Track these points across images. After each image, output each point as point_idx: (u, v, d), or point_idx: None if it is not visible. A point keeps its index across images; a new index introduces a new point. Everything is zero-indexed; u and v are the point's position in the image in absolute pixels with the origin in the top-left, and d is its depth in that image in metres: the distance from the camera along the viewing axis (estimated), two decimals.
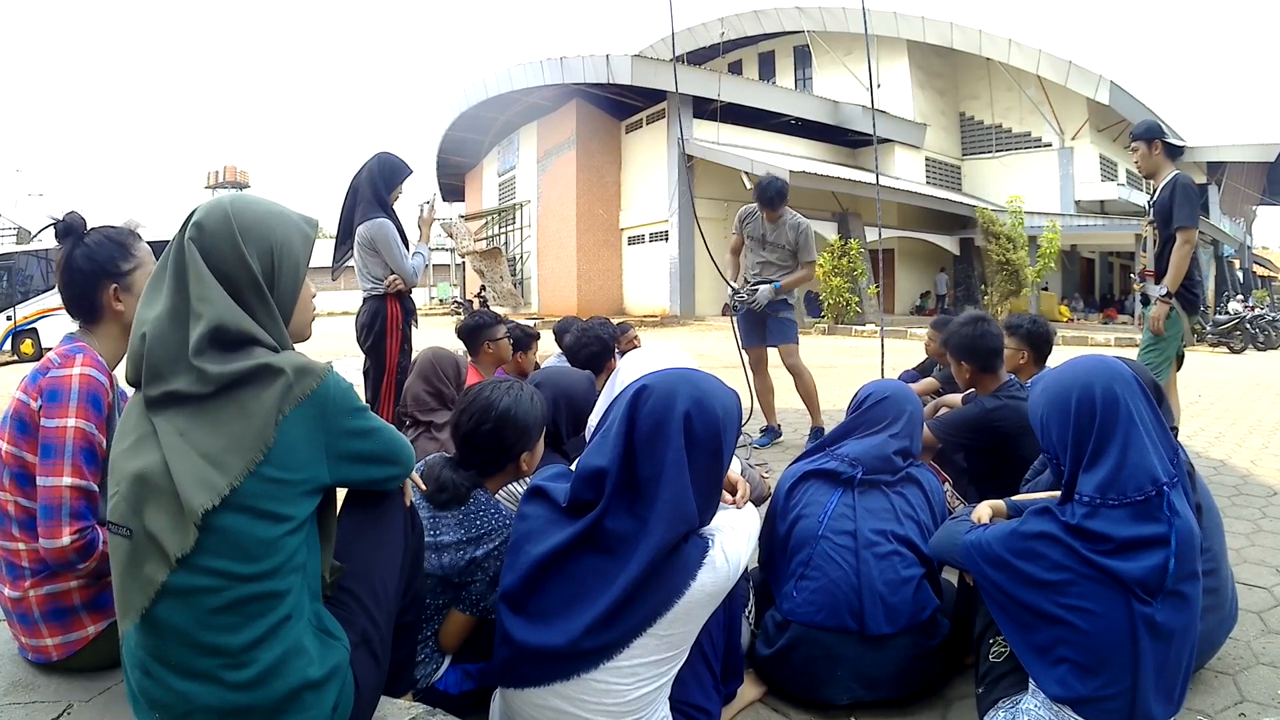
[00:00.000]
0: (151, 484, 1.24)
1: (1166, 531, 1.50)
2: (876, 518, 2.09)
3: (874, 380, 2.51)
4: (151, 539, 1.23)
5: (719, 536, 1.58)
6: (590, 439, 1.66)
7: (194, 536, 1.21)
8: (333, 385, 1.34)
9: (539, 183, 26.57)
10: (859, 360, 12.51)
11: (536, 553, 1.53)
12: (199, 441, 1.24)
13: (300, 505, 1.31)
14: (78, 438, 1.69)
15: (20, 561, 1.75)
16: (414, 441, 3.18)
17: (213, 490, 1.21)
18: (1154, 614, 1.48)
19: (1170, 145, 3.97)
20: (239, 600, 1.24)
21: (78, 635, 1.78)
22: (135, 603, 1.24)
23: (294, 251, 1.39)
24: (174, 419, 1.26)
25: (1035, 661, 1.60)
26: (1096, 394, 1.59)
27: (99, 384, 1.76)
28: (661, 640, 1.50)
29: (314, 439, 1.31)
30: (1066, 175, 24.21)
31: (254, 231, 1.34)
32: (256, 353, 1.30)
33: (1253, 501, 4.09)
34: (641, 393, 1.53)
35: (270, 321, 1.35)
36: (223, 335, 1.28)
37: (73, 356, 1.77)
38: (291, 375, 1.29)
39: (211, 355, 1.27)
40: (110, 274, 1.88)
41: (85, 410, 1.71)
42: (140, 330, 1.31)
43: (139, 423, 1.29)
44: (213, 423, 1.25)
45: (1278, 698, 2.14)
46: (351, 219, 3.83)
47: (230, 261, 1.32)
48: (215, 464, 1.23)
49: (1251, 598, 2.83)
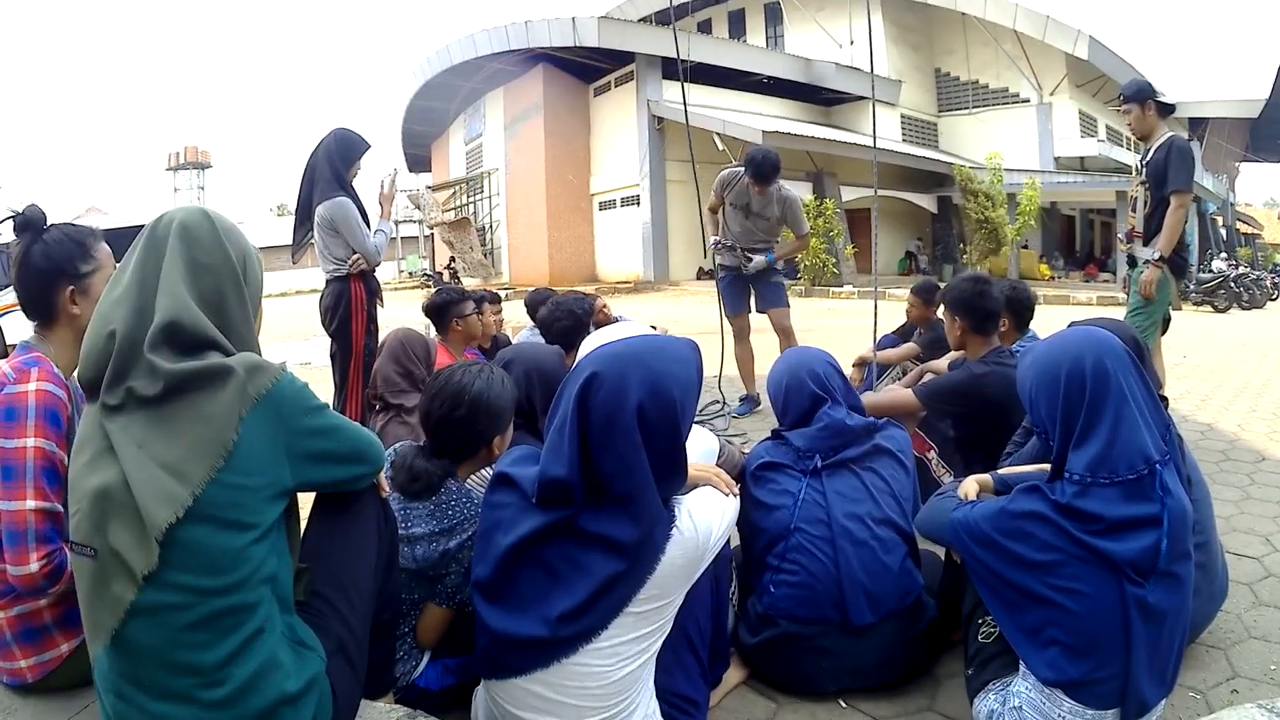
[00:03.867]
0: (113, 500, 1.21)
1: (1159, 511, 1.45)
2: (849, 500, 2.02)
3: (771, 368, 2.37)
4: (116, 557, 1.19)
5: (685, 504, 1.53)
6: (546, 425, 1.56)
7: (157, 553, 1.18)
8: (287, 384, 1.32)
9: (507, 150, 26.18)
10: (838, 322, 12.46)
11: (507, 542, 1.48)
12: (158, 452, 1.21)
13: (264, 512, 1.27)
14: (38, 458, 1.64)
15: None
16: (384, 426, 3.11)
17: (175, 502, 1.18)
18: (1146, 595, 1.44)
19: (1162, 104, 3.90)
20: (209, 616, 1.21)
21: (51, 654, 1.74)
22: (104, 624, 1.22)
23: (256, 264, 1.45)
24: (130, 429, 1.23)
25: (1025, 643, 1.56)
26: (1087, 368, 1.52)
27: (56, 399, 1.69)
28: (639, 617, 1.46)
29: (274, 440, 1.28)
30: (1045, 131, 24.03)
31: (233, 233, 1.41)
32: (211, 356, 1.27)
33: (1241, 467, 4.07)
34: (592, 382, 1.44)
35: (245, 319, 1.38)
36: (179, 332, 1.26)
37: (28, 370, 1.69)
38: (244, 374, 1.26)
39: (165, 352, 1.25)
40: (68, 274, 1.80)
41: (44, 428, 1.65)
42: (108, 327, 1.27)
43: (95, 435, 1.25)
44: (170, 431, 1.22)
45: (1270, 673, 2.13)
46: (310, 199, 3.71)
47: (216, 254, 1.35)
48: (176, 474, 1.19)
49: (1242, 568, 2.81)
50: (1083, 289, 19.09)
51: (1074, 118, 24.39)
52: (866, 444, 2.10)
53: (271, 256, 40.53)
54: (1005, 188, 19.21)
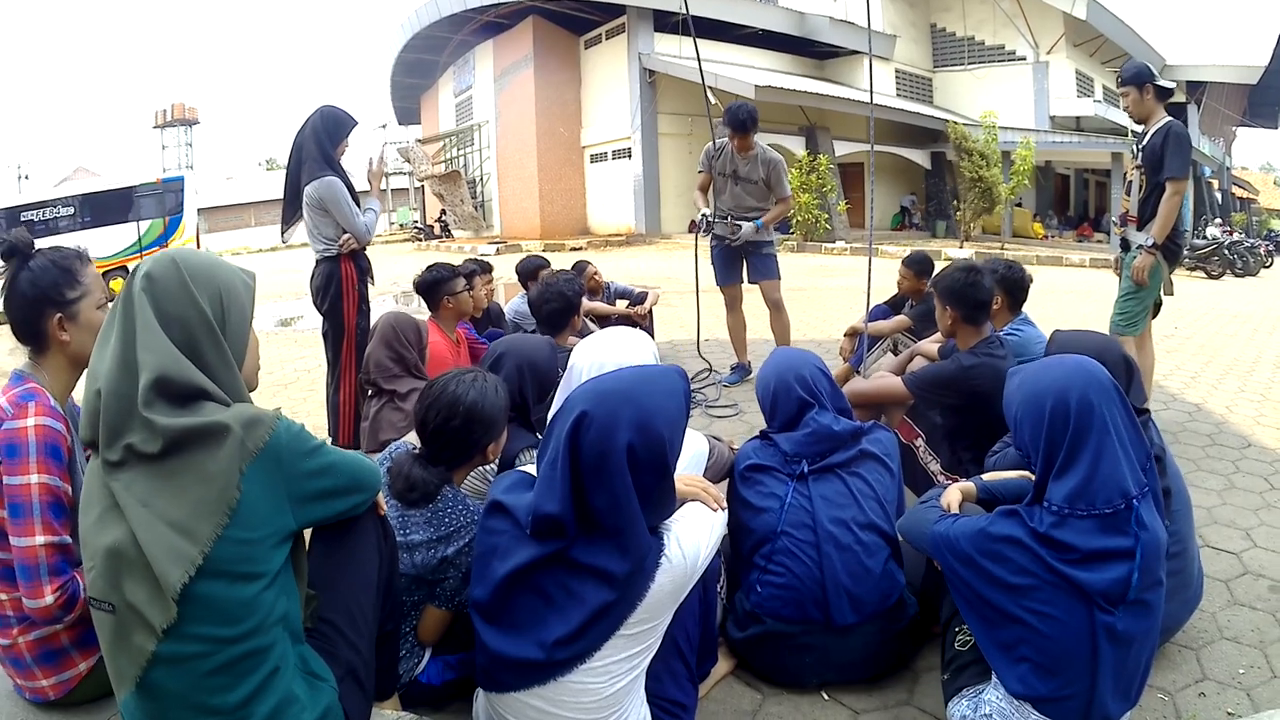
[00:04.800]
0: (125, 558, 1.24)
1: (1132, 545, 1.50)
2: (834, 505, 2.07)
3: (760, 369, 2.40)
4: (134, 611, 1.23)
5: (673, 530, 1.58)
6: (540, 453, 1.60)
7: (175, 610, 1.22)
8: (284, 432, 1.34)
9: (497, 102, 25.72)
10: (830, 281, 12.42)
11: (504, 569, 1.53)
12: (163, 510, 1.24)
13: (272, 559, 1.32)
14: (43, 493, 1.68)
15: (5, 611, 1.75)
16: (379, 412, 3.14)
17: (186, 561, 1.22)
18: (1115, 623, 1.50)
19: (1161, 88, 3.84)
20: (228, 661, 1.27)
21: (71, 673, 1.80)
22: (128, 672, 1.26)
23: (239, 296, 1.42)
24: (134, 487, 1.25)
25: (998, 657, 1.62)
26: (1072, 403, 1.56)
27: (55, 433, 1.72)
28: (630, 639, 1.52)
29: (274, 489, 1.32)
30: (1041, 90, 23.70)
31: (201, 276, 1.37)
32: (206, 408, 1.29)
33: (1226, 454, 4.03)
34: (582, 421, 1.47)
35: (224, 366, 1.36)
36: (169, 386, 1.28)
37: (25, 405, 1.71)
38: (241, 431, 1.28)
39: (160, 407, 1.26)
40: (54, 302, 1.81)
41: (46, 464, 1.69)
42: (94, 386, 1.29)
43: (100, 491, 1.28)
44: (174, 489, 1.25)
45: (1238, 676, 2.16)
46: (298, 178, 3.64)
47: (182, 303, 1.33)
48: (183, 532, 1.23)
49: (1219, 564, 2.80)
50: (1076, 250, 19.06)
51: (1070, 77, 24.09)
52: (853, 449, 2.14)
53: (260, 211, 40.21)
54: (1000, 146, 19.02)
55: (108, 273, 14.45)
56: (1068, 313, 8.70)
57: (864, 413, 3.18)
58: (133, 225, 14.82)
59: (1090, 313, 8.13)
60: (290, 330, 9.16)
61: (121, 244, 14.63)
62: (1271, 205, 38.66)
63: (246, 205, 39.19)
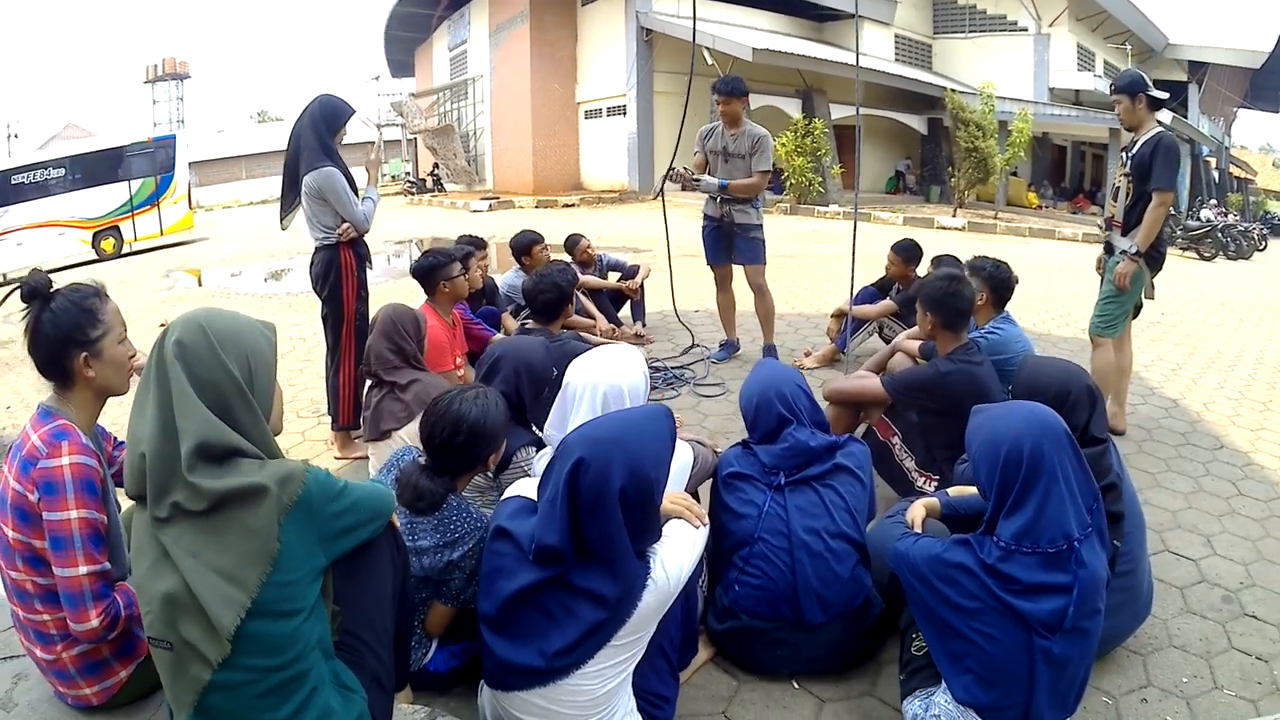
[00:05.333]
0: (179, 603, 1.38)
1: (1071, 581, 1.67)
2: (808, 515, 2.23)
3: (744, 383, 2.52)
4: (190, 647, 1.38)
5: (659, 553, 1.76)
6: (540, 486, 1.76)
7: (229, 647, 1.37)
8: (313, 483, 1.48)
9: (492, 58, 25.32)
10: (821, 248, 12.32)
11: (510, 588, 1.72)
12: (212, 560, 1.38)
13: (308, 594, 1.47)
14: (83, 527, 1.79)
15: (49, 630, 1.87)
16: (379, 403, 3.25)
17: (237, 606, 1.37)
18: (1051, 647, 1.68)
19: (1153, 98, 3.87)
20: (275, 686, 1.42)
21: (112, 681, 1.95)
22: (185, 699, 1.41)
23: (264, 356, 1.53)
24: (183, 540, 1.39)
25: (947, 666, 1.80)
26: (1025, 451, 1.71)
27: (90, 469, 1.81)
28: (619, 649, 1.72)
29: (308, 535, 1.46)
30: (1041, 62, 23.42)
31: (229, 341, 1.47)
32: (242, 466, 1.42)
33: (1198, 455, 4.06)
34: (580, 466, 1.64)
35: (254, 422, 1.48)
36: (208, 450, 1.40)
37: (59, 444, 1.80)
38: (277, 489, 1.41)
39: (202, 470, 1.39)
40: (78, 343, 1.88)
41: (84, 499, 1.79)
42: (139, 449, 1.41)
43: (151, 543, 1.41)
44: (220, 543, 1.39)
45: (1181, 685, 2.29)
46: (296, 167, 3.72)
47: (213, 369, 1.44)
48: (232, 580, 1.37)
49: (1177, 570, 2.87)
50: (1069, 222, 19.03)
51: (1072, 50, 23.86)
52: (828, 462, 2.29)
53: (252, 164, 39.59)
54: (998, 115, 18.90)
55: (98, 233, 14.37)
56: (1058, 291, 8.76)
57: (845, 410, 3.34)
58: (124, 185, 14.74)
59: (1081, 291, 8.09)
60: (285, 295, 9.16)
61: (113, 203, 14.59)
62: (1269, 186, 38.12)
63: (238, 158, 38.73)
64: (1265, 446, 4.22)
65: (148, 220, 15.13)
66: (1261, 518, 3.36)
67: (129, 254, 14.72)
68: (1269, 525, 3.29)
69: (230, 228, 19.28)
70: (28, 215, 13.53)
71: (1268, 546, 3.10)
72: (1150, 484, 3.64)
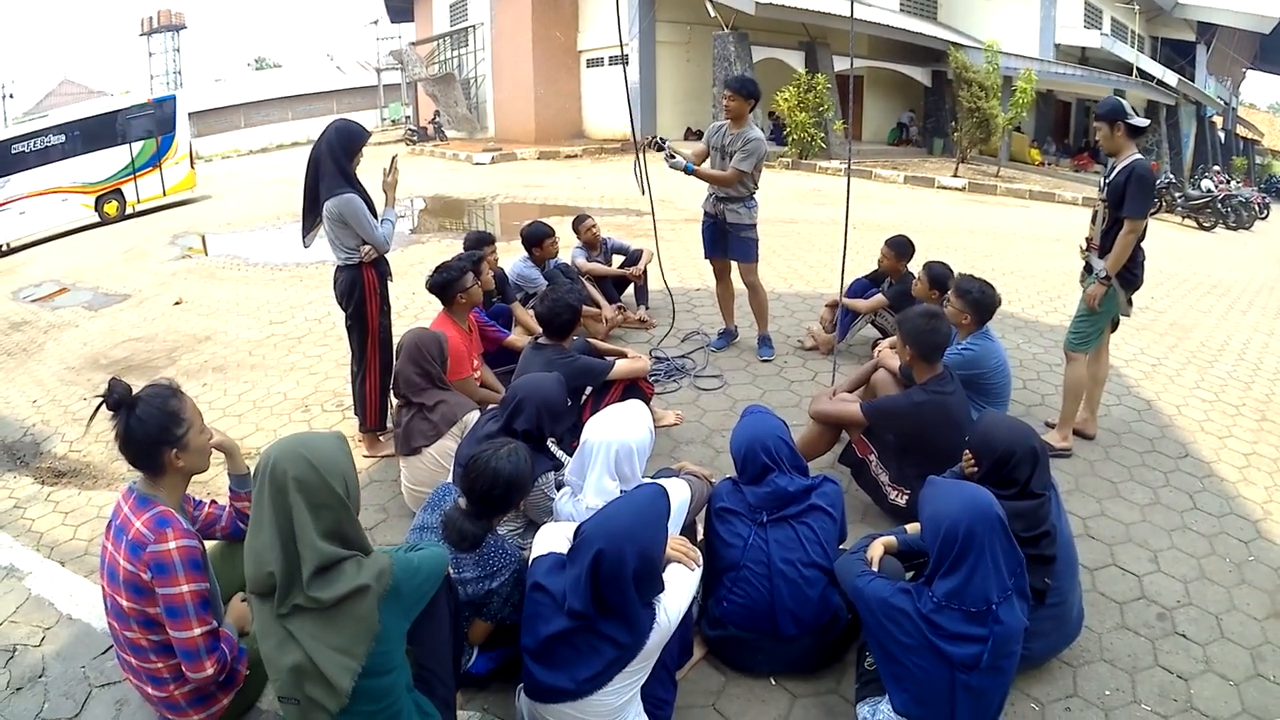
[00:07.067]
0: (305, 671, 1.82)
1: (987, 634, 2.09)
2: (785, 548, 2.62)
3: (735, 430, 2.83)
4: (314, 702, 1.84)
5: (663, 602, 2.18)
6: (569, 556, 2.21)
7: (346, 702, 1.82)
8: (399, 571, 1.91)
9: (492, 5, 24.93)
10: (821, 211, 12.22)
11: (547, 631, 2.17)
12: (329, 639, 1.82)
13: (399, 654, 1.94)
14: (194, 599, 2.10)
15: (162, 674, 2.19)
16: (409, 422, 3.59)
17: (350, 672, 1.82)
18: (970, 680, 2.10)
19: (1132, 126, 3.97)
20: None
21: (216, 708, 2.29)
22: None
23: (352, 472, 1.93)
24: (304, 627, 1.83)
25: (890, 682, 2.24)
26: (960, 531, 2.10)
27: (194, 550, 2.12)
28: (632, 672, 2.18)
29: (398, 610, 1.92)
30: (1049, 17, 23.07)
31: (333, 469, 1.86)
32: (347, 572, 1.84)
33: (1161, 463, 4.16)
34: (599, 557, 2.07)
35: (354, 528, 1.91)
36: (325, 568, 1.83)
37: (164, 531, 2.08)
38: (375, 584, 1.84)
39: (317, 584, 1.82)
40: (167, 442, 2.14)
41: (192, 575, 2.10)
42: (265, 568, 1.82)
43: (275, 628, 1.84)
44: (335, 628, 1.83)
45: (1104, 698, 2.53)
46: (316, 190, 3.92)
47: (327, 495, 1.84)
48: (345, 653, 1.82)
49: (1120, 585, 3.03)
50: (1070, 182, 18.90)
51: (1079, 7, 23.54)
52: (804, 503, 2.68)
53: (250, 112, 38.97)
54: (1002, 71, 18.72)
55: (101, 197, 14.35)
56: (1052, 269, 8.75)
57: (827, 429, 3.71)
58: (125, 147, 14.71)
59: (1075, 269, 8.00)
60: (295, 268, 8.95)
61: (115, 167, 14.58)
62: (1276, 147, 36.93)
63: (236, 107, 38.26)
64: (1228, 456, 4.34)
65: (150, 182, 15.10)
66: (1210, 534, 3.50)
67: (132, 214, 14.74)
68: (1216, 542, 3.43)
69: (230, 183, 19.11)
70: (30, 183, 13.44)
71: (1210, 565, 3.25)
72: (1110, 493, 3.85)
